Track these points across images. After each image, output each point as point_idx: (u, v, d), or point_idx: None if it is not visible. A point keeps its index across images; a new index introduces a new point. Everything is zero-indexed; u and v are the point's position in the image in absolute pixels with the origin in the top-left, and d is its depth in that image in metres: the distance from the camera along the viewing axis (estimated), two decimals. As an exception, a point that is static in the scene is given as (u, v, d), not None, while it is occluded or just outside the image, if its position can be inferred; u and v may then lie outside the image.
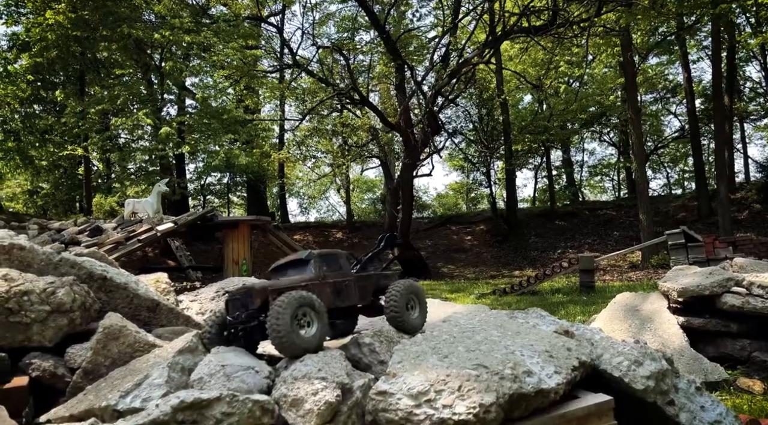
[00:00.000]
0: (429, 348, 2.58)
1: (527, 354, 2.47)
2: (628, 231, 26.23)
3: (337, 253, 3.96)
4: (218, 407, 2.07)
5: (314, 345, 3.06)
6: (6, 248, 3.14)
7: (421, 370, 2.32)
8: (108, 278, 3.43)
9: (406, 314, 3.67)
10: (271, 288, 3.44)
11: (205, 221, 12.27)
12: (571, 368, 2.48)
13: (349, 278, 3.84)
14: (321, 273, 3.67)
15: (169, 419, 1.99)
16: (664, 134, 34.50)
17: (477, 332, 2.77)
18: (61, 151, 26.26)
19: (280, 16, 30.45)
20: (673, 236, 14.55)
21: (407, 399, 2.20)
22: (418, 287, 3.92)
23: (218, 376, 2.36)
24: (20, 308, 2.92)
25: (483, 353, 2.46)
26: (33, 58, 23.80)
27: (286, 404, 2.25)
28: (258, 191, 31.85)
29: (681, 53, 25.62)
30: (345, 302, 3.76)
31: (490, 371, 2.30)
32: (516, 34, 19.21)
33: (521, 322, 3.17)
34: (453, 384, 2.21)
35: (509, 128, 28.02)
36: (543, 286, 16.39)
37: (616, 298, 7.82)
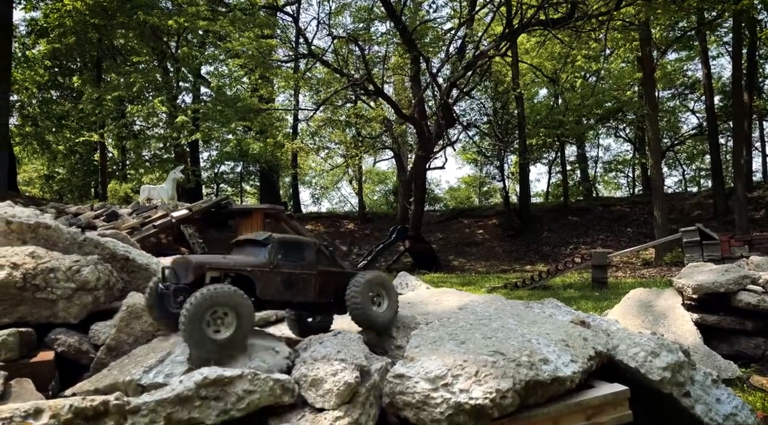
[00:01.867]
0: (446, 333, 2.61)
1: (543, 343, 2.49)
2: (642, 228, 26.02)
3: (304, 242, 3.66)
4: (240, 384, 2.11)
5: (229, 349, 2.75)
6: (32, 226, 3.20)
7: (439, 355, 2.35)
8: (130, 259, 3.49)
9: (369, 308, 3.39)
10: (210, 266, 3.18)
11: (219, 208, 12.36)
12: (587, 357, 2.50)
13: (309, 271, 3.52)
14: (274, 260, 3.39)
15: (193, 394, 2.04)
16: (681, 131, 34.10)
17: (493, 320, 2.79)
18: (78, 137, 26.52)
19: (296, 6, 30.39)
20: (688, 234, 14.43)
21: (424, 383, 2.23)
22: (384, 279, 3.65)
23: (240, 355, 2.40)
24: (46, 285, 2.98)
25: (500, 340, 2.48)
26: (51, 44, 24.03)
27: (306, 383, 2.28)
28: (271, 180, 31.98)
29: (701, 49, 25.26)
30: (297, 297, 3.45)
31: (506, 358, 2.32)
32: (534, 26, 19.04)
33: (537, 312, 3.18)
34: (470, 369, 2.23)
35: (524, 122, 27.85)
36: (555, 281, 16.33)
37: (629, 294, 7.79)
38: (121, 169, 31.26)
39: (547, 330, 2.65)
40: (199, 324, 2.75)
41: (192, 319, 2.73)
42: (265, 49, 25.31)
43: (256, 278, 3.27)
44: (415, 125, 22.22)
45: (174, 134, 23.76)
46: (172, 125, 24.05)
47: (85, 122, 26.46)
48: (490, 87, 29.50)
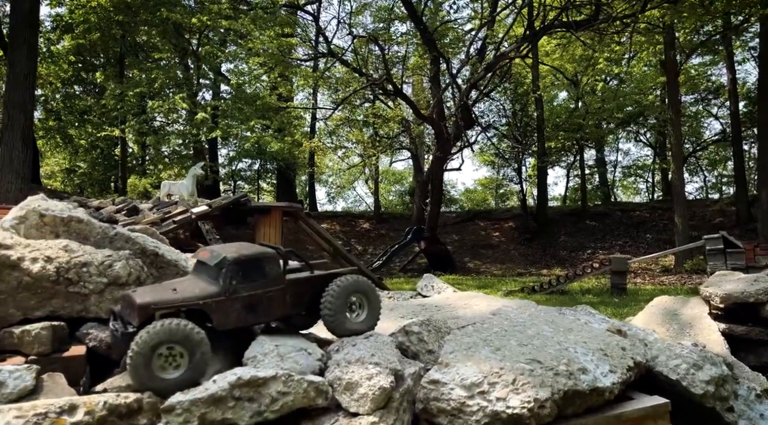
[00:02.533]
0: (480, 339, 2.55)
1: (581, 352, 2.42)
2: (662, 234, 25.68)
3: (263, 255, 3.27)
4: (274, 385, 2.08)
5: (177, 388, 2.51)
6: (65, 220, 3.20)
7: (474, 361, 2.30)
8: (160, 255, 3.47)
9: (342, 316, 3.13)
10: (156, 306, 2.85)
11: (238, 205, 12.39)
12: (626, 368, 2.43)
13: (273, 287, 3.19)
14: (229, 287, 3.03)
15: (227, 395, 2.01)
16: (703, 137, 33.61)
17: (528, 326, 2.72)
18: (99, 132, 26.83)
19: (316, 5, 30.46)
20: (711, 241, 14.17)
21: (460, 390, 2.18)
22: (364, 284, 3.31)
23: (272, 356, 2.37)
24: (79, 279, 2.97)
25: (536, 348, 2.42)
26: (75, 40, 24.34)
27: (341, 387, 2.24)
28: (288, 178, 32.10)
29: (726, 53, 24.85)
30: (262, 317, 3.11)
31: (544, 366, 2.26)
32: (556, 28, 18.86)
33: (572, 319, 3.11)
34: (507, 377, 2.18)
35: (543, 125, 27.63)
36: (572, 286, 16.15)
37: (653, 301, 7.65)
38: (141, 164, 31.58)
39: (584, 339, 2.59)
40: (149, 364, 2.57)
41: (138, 356, 2.55)
42: (285, 47, 25.42)
43: (210, 311, 2.95)
44: (434, 125, 22.15)
45: (194, 131, 23.95)
46: (191, 122, 24.26)
47: (107, 117, 26.78)
48: (509, 89, 29.33)
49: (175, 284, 3.12)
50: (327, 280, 3.38)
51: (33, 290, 2.87)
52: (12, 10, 14.40)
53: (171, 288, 3.03)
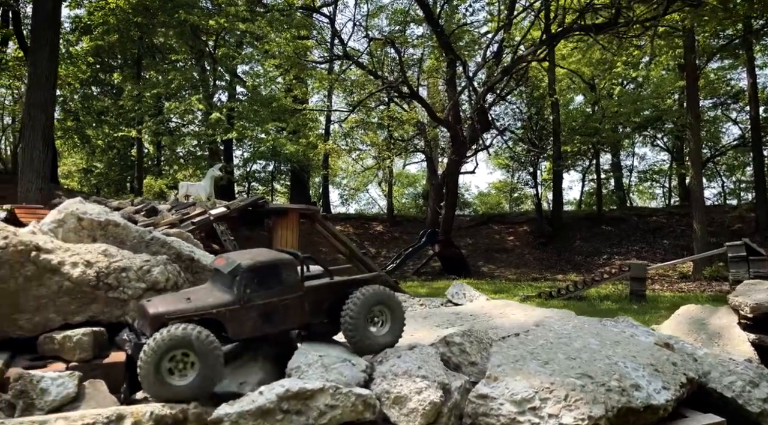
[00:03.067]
0: (527, 352, 2.48)
1: (631, 367, 2.35)
2: (679, 240, 25.37)
3: (279, 262, 3.17)
4: (322, 398, 2.02)
5: (190, 395, 2.51)
6: (102, 223, 3.18)
7: (523, 375, 2.23)
8: (195, 259, 3.44)
9: (364, 330, 2.98)
10: (169, 316, 2.80)
11: (255, 207, 12.39)
12: (679, 384, 2.35)
13: (291, 295, 3.08)
14: (244, 295, 2.96)
15: (275, 407, 1.96)
16: (721, 142, 33.22)
17: (574, 339, 2.65)
18: (116, 132, 27.04)
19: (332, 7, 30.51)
20: (733, 248, 13.95)
21: (510, 405, 2.11)
22: (387, 295, 3.16)
23: (316, 366, 2.32)
24: (119, 284, 2.94)
25: (585, 362, 2.35)
26: (94, 41, 24.57)
27: (389, 401, 2.18)
28: (301, 180, 32.15)
29: (747, 58, 24.54)
30: (279, 326, 2.99)
31: (595, 381, 2.19)
32: (576, 31, 18.71)
33: (617, 331, 3.03)
34: (559, 392, 2.11)
35: (559, 129, 27.44)
36: (590, 292, 15.98)
37: (680, 310, 7.52)
38: (157, 165, 31.78)
39: (633, 352, 2.51)
40: (156, 371, 2.52)
41: (148, 363, 2.51)
42: (301, 50, 25.48)
43: (224, 320, 2.88)
44: (450, 128, 22.06)
45: (209, 131, 24.05)
46: (207, 123, 24.39)
47: (124, 117, 26.99)
48: (525, 92, 29.17)
49: (190, 293, 3.08)
50: (348, 287, 3.26)
51: (73, 295, 2.85)
52: (34, 11, 14.53)
53: (185, 297, 2.98)
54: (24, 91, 19.63)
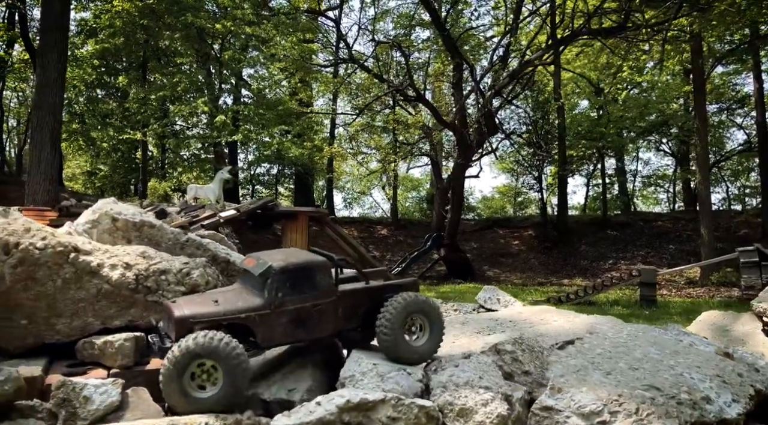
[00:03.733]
0: (587, 362, 2.38)
1: (698, 378, 2.25)
2: (686, 245, 25.27)
3: (313, 264, 3.00)
4: (383, 410, 1.92)
5: (213, 407, 2.37)
6: (137, 224, 3.08)
7: (589, 387, 2.13)
8: (231, 262, 3.34)
9: (401, 339, 2.79)
10: (195, 320, 2.67)
11: (265, 210, 12.32)
12: (747, 396, 2.25)
13: (324, 300, 2.91)
14: (275, 300, 2.80)
15: (335, 419, 1.86)
16: (726, 147, 33.16)
17: (632, 348, 2.55)
18: (121, 135, 27.00)
19: (337, 11, 30.50)
20: (745, 254, 13.85)
21: (577, 419, 2.01)
22: (426, 304, 2.95)
23: (371, 375, 2.21)
24: (158, 287, 2.84)
25: (649, 372, 2.25)
26: (101, 44, 24.55)
27: (453, 413, 2.08)
28: (305, 183, 32.11)
29: (753, 63, 24.48)
30: (312, 333, 2.81)
31: (664, 394, 2.09)
32: (585, 35, 18.65)
33: (675, 340, 2.93)
34: (629, 405, 2.01)
35: (564, 133, 27.38)
36: (599, 297, 15.87)
37: (701, 316, 7.43)
38: (161, 168, 31.73)
39: (696, 363, 2.41)
40: (181, 382, 2.41)
41: (170, 374, 2.40)
42: (307, 53, 25.46)
43: (253, 325, 2.72)
44: (456, 132, 21.99)
45: (214, 134, 24.00)
46: (212, 125, 24.34)
47: (129, 120, 26.94)
48: (531, 96, 29.12)
49: (218, 294, 2.90)
50: (384, 292, 3.10)
51: (112, 299, 2.75)
52: (43, 14, 14.46)
53: (213, 299, 2.82)
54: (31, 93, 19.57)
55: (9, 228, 2.89)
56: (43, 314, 2.81)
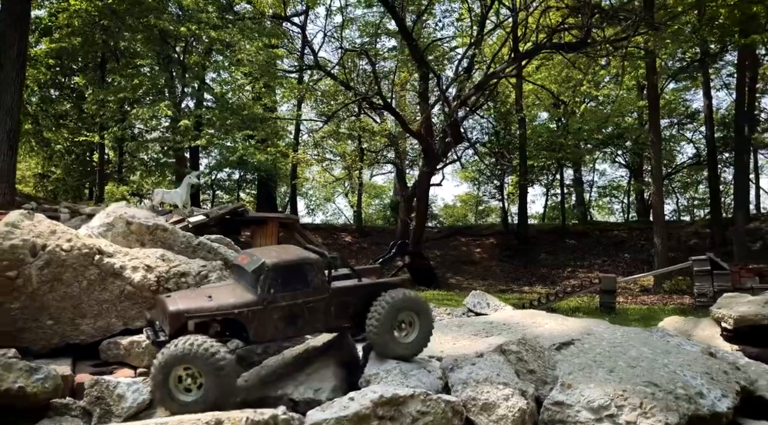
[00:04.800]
0: (590, 360, 2.54)
1: (689, 375, 2.44)
2: (640, 254, 26.22)
3: (305, 261, 3.08)
4: (413, 404, 2.02)
5: (199, 409, 2.36)
6: (150, 228, 3.11)
7: (596, 383, 2.28)
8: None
9: (389, 336, 2.83)
10: (189, 314, 2.70)
11: (235, 215, 12.21)
12: (734, 392, 2.45)
13: (316, 297, 2.96)
14: (267, 296, 2.85)
15: (370, 413, 1.95)
16: (676, 160, 34.63)
17: (627, 348, 2.73)
18: (77, 137, 26.21)
19: (303, 17, 30.49)
20: (698, 263, 14.53)
21: (587, 412, 2.16)
22: (416, 301, 3.05)
23: (395, 373, 2.32)
24: (178, 289, 2.86)
25: (646, 370, 2.42)
26: (58, 44, 23.82)
27: (476, 407, 2.19)
28: (268, 189, 31.81)
29: (703, 80, 25.74)
30: (303, 329, 2.87)
31: (662, 389, 2.26)
32: (548, 49, 19.25)
33: (664, 341, 3.13)
34: (633, 400, 2.17)
35: (525, 143, 28.09)
36: (560, 304, 16.32)
37: (664, 321, 7.77)
38: (119, 171, 30.90)
39: (686, 361, 2.60)
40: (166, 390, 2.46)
41: (157, 378, 2.45)
42: (272, 58, 25.33)
43: (246, 321, 2.74)
44: (422, 141, 22.27)
45: (177, 138, 23.57)
46: (174, 129, 23.89)
47: (85, 122, 26.18)
48: (493, 107, 29.76)
49: (212, 290, 2.91)
50: (375, 289, 3.13)
51: (134, 300, 2.78)
52: (3, 12, 14.00)
53: (206, 295, 2.83)
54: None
55: (35, 230, 2.87)
56: (68, 315, 2.82)
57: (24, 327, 3.12)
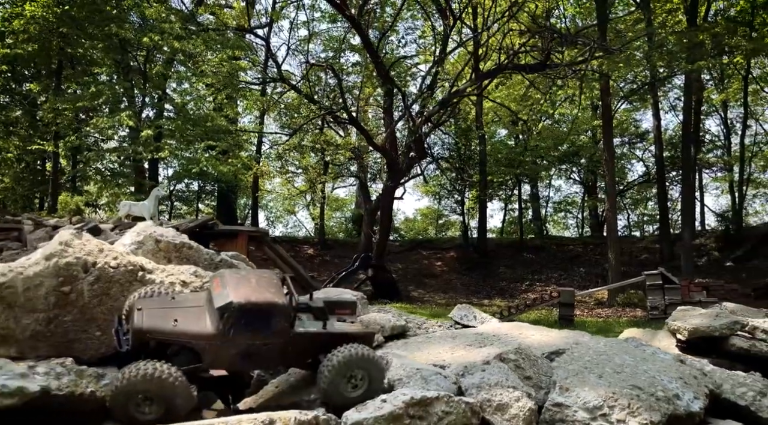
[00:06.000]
0: (582, 367, 2.82)
1: (666, 379, 2.75)
2: (594, 268, 27.16)
3: (274, 308, 3.04)
4: (438, 405, 2.27)
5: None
6: (177, 245, 3.27)
7: (590, 386, 2.57)
8: (258, 282, 3.56)
9: (335, 390, 2.87)
10: (151, 334, 2.93)
11: (204, 228, 12.18)
12: (704, 395, 2.78)
13: (275, 340, 3.02)
14: (227, 333, 2.94)
15: (403, 413, 2.20)
16: (627, 178, 36.09)
17: (611, 356, 3.03)
18: (30, 145, 25.42)
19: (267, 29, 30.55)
20: (651, 277, 15.27)
21: (583, 412, 2.44)
22: (369, 360, 2.92)
23: (416, 378, 2.55)
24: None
25: (629, 375, 2.72)
26: (13, 50, 23.14)
27: (491, 408, 2.45)
28: (228, 200, 31.54)
29: (653, 102, 27.10)
30: (258, 366, 3.09)
31: (645, 392, 2.56)
32: (510, 70, 19.98)
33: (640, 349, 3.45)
34: (622, 401, 2.46)
35: (485, 159, 28.84)
36: (521, 317, 16.80)
37: (623, 333, 8.21)
38: (72, 181, 30.03)
39: (662, 368, 2.92)
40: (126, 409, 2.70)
41: (116, 400, 2.73)
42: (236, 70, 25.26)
43: (202, 352, 2.91)
44: (386, 155, 22.61)
45: (139, 149, 23.17)
46: (135, 140, 23.47)
47: (38, 130, 25.44)
48: (454, 123, 30.45)
49: (181, 313, 3.04)
50: (336, 340, 3.15)
51: None
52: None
53: (173, 318, 2.99)
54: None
55: (86, 248, 3.05)
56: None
57: (75, 338, 3.47)
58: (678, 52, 20.63)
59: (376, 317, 4.73)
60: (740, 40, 21.56)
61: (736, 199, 28.17)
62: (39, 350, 3.65)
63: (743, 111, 28.14)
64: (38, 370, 3.05)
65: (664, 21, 24.89)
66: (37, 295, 3.63)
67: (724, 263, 24.61)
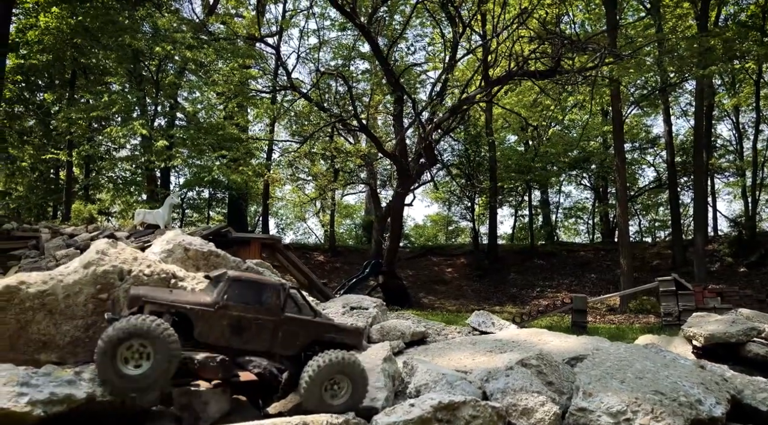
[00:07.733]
0: (603, 372, 2.85)
1: (688, 385, 2.77)
2: (605, 275, 27.02)
3: (265, 284, 3.17)
4: (465, 410, 2.32)
5: (146, 383, 2.72)
6: (205, 253, 3.34)
7: (612, 392, 2.60)
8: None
9: (315, 397, 2.87)
10: (147, 299, 3.06)
11: (218, 236, 12.27)
12: (726, 400, 2.80)
13: (266, 316, 3.10)
14: (221, 300, 3.07)
15: (431, 416, 2.24)
16: (638, 183, 35.93)
17: (632, 362, 3.06)
18: (44, 154, 25.74)
19: (276, 38, 30.82)
20: (664, 283, 15.19)
21: (607, 417, 2.47)
22: (350, 365, 2.94)
23: (442, 383, 2.59)
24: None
25: (651, 381, 2.75)
26: (28, 60, 23.51)
27: (517, 412, 2.49)
28: (239, 208, 31.71)
29: (664, 108, 27.01)
30: (248, 344, 2.98)
31: (668, 397, 2.59)
32: (520, 76, 20.01)
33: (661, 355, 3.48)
34: (645, 406, 2.49)
35: (495, 166, 28.84)
36: (533, 323, 16.76)
37: (639, 339, 8.20)
38: (85, 190, 30.35)
39: (683, 373, 2.94)
40: (111, 359, 2.75)
41: (103, 351, 2.75)
42: (246, 79, 25.50)
43: (194, 318, 2.98)
44: (396, 162, 22.69)
45: (152, 158, 23.39)
46: (147, 149, 23.70)
47: (52, 139, 25.76)
48: (463, 130, 30.50)
49: (178, 290, 3.28)
50: (326, 330, 3.23)
51: None
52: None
53: (169, 291, 3.21)
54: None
55: (121, 257, 3.13)
56: (150, 333, 3.14)
57: (111, 344, 3.47)
58: (689, 57, 20.58)
59: (396, 323, 4.78)
60: (751, 44, 21.45)
61: (749, 204, 27.93)
62: (78, 355, 3.78)
63: (755, 115, 27.97)
64: (84, 376, 3.08)
65: (674, 26, 24.86)
66: (77, 302, 3.77)
67: (737, 268, 24.41)
